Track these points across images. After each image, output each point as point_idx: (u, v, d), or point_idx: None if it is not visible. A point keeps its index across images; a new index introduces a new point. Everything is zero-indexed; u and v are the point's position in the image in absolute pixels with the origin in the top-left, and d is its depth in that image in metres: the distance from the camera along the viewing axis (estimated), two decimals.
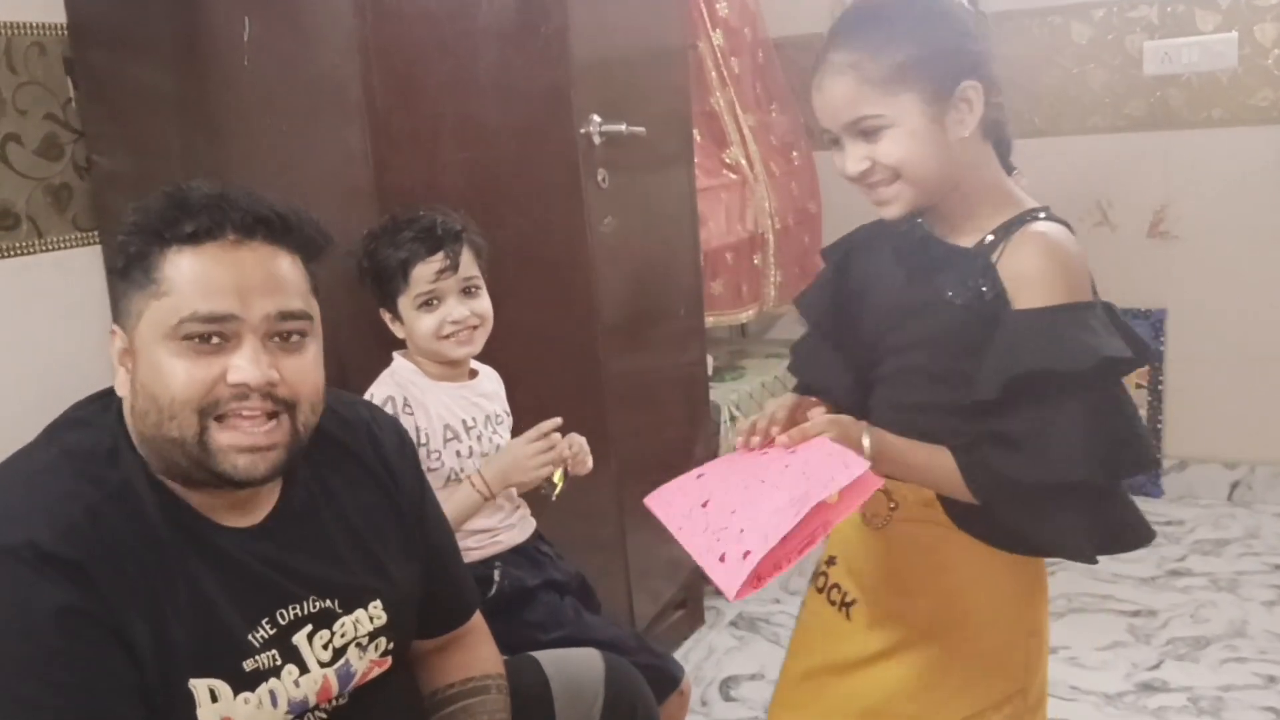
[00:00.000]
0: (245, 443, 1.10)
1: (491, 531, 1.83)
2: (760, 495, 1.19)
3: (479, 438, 1.83)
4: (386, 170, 2.05)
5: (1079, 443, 1.20)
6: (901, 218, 1.30)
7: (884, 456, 1.26)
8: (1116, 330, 1.25)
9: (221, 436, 1.09)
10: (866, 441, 1.26)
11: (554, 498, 1.83)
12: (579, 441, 1.84)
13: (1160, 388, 3.52)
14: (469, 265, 1.80)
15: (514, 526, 1.87)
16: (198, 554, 1.13)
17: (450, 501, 1.70)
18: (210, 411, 1.08)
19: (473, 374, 1.88)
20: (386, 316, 1.83)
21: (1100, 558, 1.27)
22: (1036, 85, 3.52)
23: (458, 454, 1.80)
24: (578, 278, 2.07)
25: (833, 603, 1.47)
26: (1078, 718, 2.39)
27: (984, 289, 1.25)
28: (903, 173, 1.26)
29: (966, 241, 1.30)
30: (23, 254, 1.90)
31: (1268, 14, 3.21)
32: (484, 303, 1.82)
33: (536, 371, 2.01)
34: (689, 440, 2.64)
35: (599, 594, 1.97)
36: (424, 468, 1.65)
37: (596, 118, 1.99)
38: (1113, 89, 3.43)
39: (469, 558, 1.78)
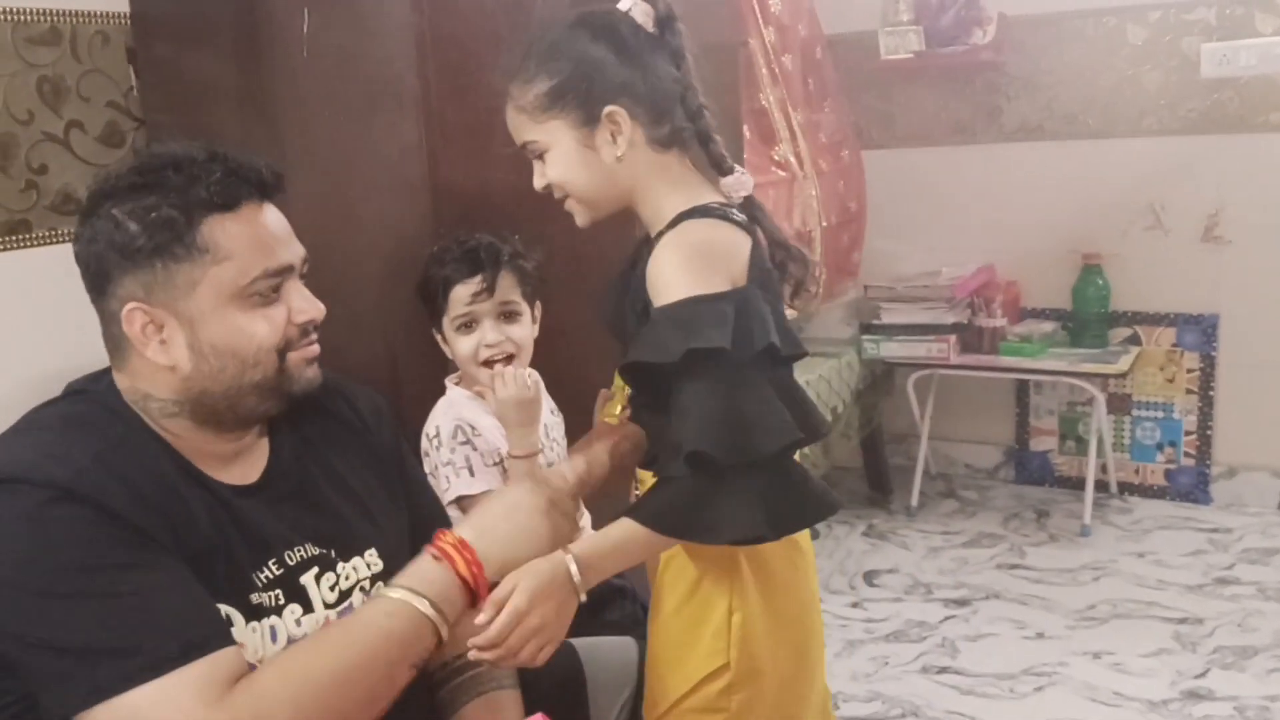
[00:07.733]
0: (311, 354, 1.28)
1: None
2: None
3: (541, 450, 1.84)
4: (440, 164, 2.07)
5: (714, 419, 1.22)
6: (586, 226, 1.41)
7: (592, 568, 1.25)
8: (753, 318, 1.26)
9: (293, 358, 1.25)
10: (574, 569, 1.24)
11: None
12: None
13: (1211, 394, 3.48)
14: (508, 290, 1.80)
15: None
16: (203, 500, 1.19)
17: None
18: (285, 349, 1.24)
19: None
20: (438, 338, 1.85)
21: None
22: (1091, 86, 3.49)
23: None
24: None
25: None
26: None
27: (644, 299, 1.32)
28: (566, 190, 1.37)
29: None
30: None
31: None
32: (522, 330, 1.82)
33: (585, 367, 2.02)
34: None
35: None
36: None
37: None
38: (1168, 91, 3.40)
39: None
